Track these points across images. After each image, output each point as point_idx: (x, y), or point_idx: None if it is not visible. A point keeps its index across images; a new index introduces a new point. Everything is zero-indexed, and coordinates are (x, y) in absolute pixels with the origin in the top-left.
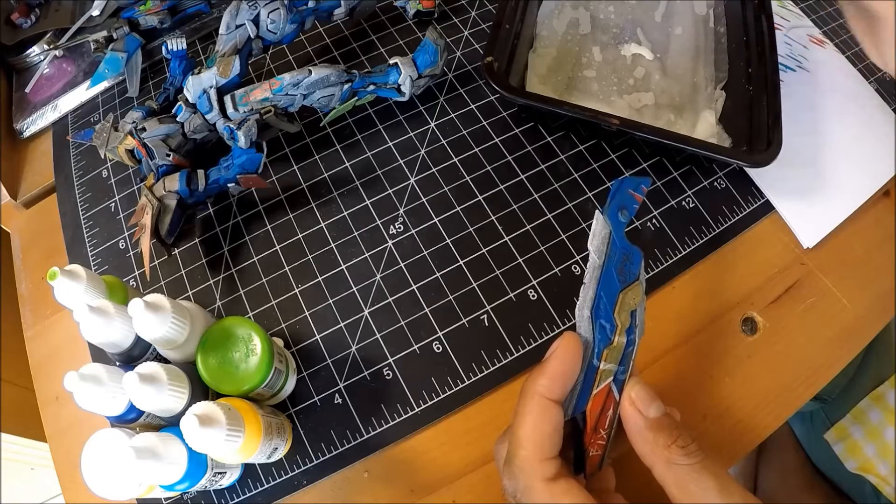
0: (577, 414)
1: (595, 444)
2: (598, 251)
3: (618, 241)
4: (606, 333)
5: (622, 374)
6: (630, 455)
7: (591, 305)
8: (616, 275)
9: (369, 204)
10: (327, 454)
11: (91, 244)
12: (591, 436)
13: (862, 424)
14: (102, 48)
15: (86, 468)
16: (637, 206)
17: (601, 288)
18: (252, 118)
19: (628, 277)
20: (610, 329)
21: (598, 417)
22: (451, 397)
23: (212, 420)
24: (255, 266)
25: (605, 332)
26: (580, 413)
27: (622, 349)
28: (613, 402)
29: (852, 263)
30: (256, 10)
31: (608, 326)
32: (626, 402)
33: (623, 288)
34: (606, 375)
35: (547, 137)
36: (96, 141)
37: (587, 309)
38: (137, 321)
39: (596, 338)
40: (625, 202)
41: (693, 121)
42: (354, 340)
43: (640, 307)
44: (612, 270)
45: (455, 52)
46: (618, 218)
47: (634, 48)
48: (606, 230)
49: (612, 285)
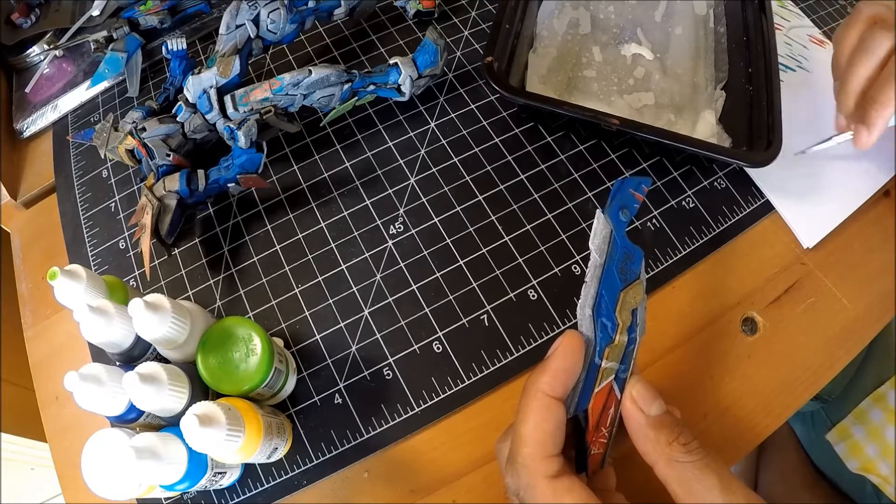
0: (579, 412)
1: (597, 443)
2: (599, 250)
3: (619, 241)
4: (608, 332)
5: (623, 372)
6: (631, 455)
7: (593, 304)
8: (617, 273)
9: (369, 204)
10: (327, 454)
11: (91, 244)
12: (593, 434)
13: (863, 425)
14: (102, 48)
15: (86, 468)
16: (638, 206)
17: (602, 286)
18: (252, 118)
19: (629, 276)
20: (612, 327)
21: (600, 416)
22: (451, 397)
23: (212, 420)
24: (255, 266)
25: (607, 330)
26: (582, 411)
27: (623, 347)
28: (615, 401)
29: (852, 263)
30: (256, 10)
31: (609, 325)
32: (627, 400)
33: (624, 287)
34: (608, 374)
35: (547, 137)
36: (96, 141)
37: (589, 307)
38: (137, 321)
39: (598, 336)
40: (625, 202)
41: (693, 121)
42: (354, 340)
43: (641, 306)
44: (614, 269)
45: (455, 52)
46: (619, 217)
47: (634, 48)
48: (608, 229)
49: (614, 284)
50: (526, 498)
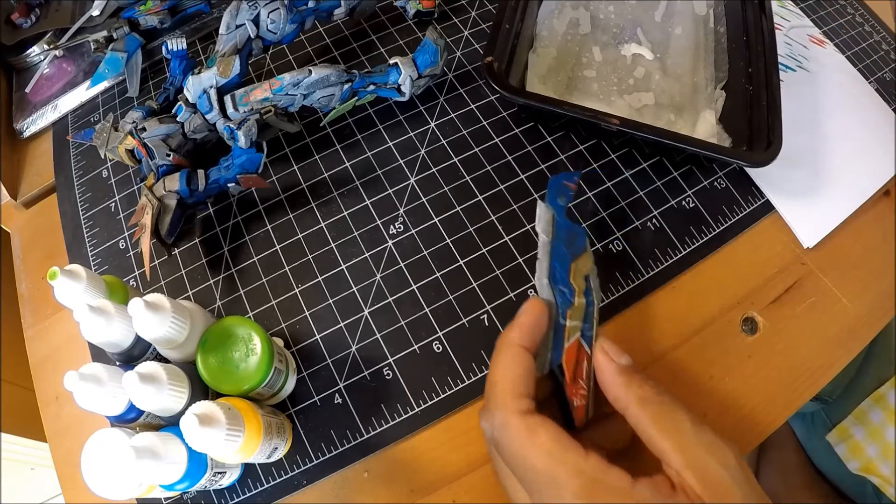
0: (554, 366)
1: (578, 395)
2: (545, 231)
3: (561, 221)
4: (567, 296)
5: (588, 330)
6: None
7: (548, 274)
8: (565, 248)
9: (369, 204)
10: (327, 454)
11: (91, 244)
12: (572, 387)
13: (863, 425)
14: (102, 48)
15: (86, 468)
16: (572, 193)
17: (554, 259)
18: (252, 118)
19: (576, 250)
20: (569, 293)
21: (575, 369)
22: (451, 397)
23: (211, 420)
24: (255, 266)
25: (566, 295)
26: (557, 366)
27: (584, 309)
28: (586, 356)
29: (852, 263)
30: (256, 10)
31: (567, 291)
32: (598, 352)
33: (573, 258)
34: (574, 331)
35: (547, 137)
36: (96, 141)
37: (545, 278)
38: (137, 321)
39: (558, 301)
40: (561, 191)
41: (693, 121)
42: (354, 340)
43: (593, 273)
44: (561, 245)
45: (455, 52)
46: (557, 203)
47: (634, 48)
48: (549, 213)
49: (564, 256)
50: (501, 437)
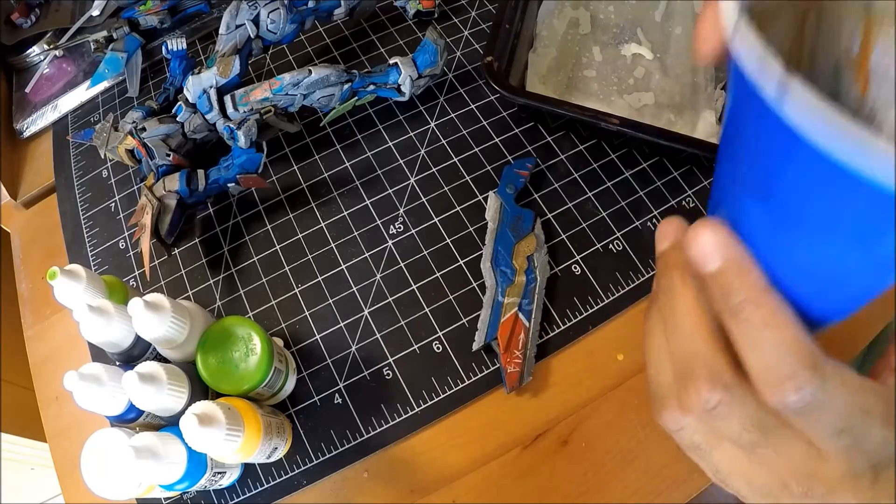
0: (490, 341)
1: (512, 363)
2: (492, 219)
3: (509, 209)
4: (508, 276)
5: (528, 305)
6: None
7: (491, 258)
8: (510, 232)
9: (369, 204)
10: (327, 454)
11: (91, 244)
12: (506, 356)
13: None
14: (102, 48)
15: (85, 468)
16: (524, 180)
17: (498, 243)
18: (252, 118)
19: (522, 233)
20: (511, 272)
21: (510, 340)
22: (450, 397)
23: (211, 420)
24: (255, 266)
25: (507, 275)
26: (493, 339)
27: (524, 286)
28: (523, 328)
29: None
30: (256, 10)
31: (508, 271)
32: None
33: (517, 241)
34: (512, 307)
35: (547, 137)
36: (96, 141)
37: (488, 261)
38: (137, 321)
39: (498, 281)
40: (511, 180)
41: (693, 120)
42: (354, 340)
43: (540, 252)
44: (506, 230)
45: (455, 52)
46: (506, 192)
47: (634, 48)
48: (498, 202)
49: (507, 240)
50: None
